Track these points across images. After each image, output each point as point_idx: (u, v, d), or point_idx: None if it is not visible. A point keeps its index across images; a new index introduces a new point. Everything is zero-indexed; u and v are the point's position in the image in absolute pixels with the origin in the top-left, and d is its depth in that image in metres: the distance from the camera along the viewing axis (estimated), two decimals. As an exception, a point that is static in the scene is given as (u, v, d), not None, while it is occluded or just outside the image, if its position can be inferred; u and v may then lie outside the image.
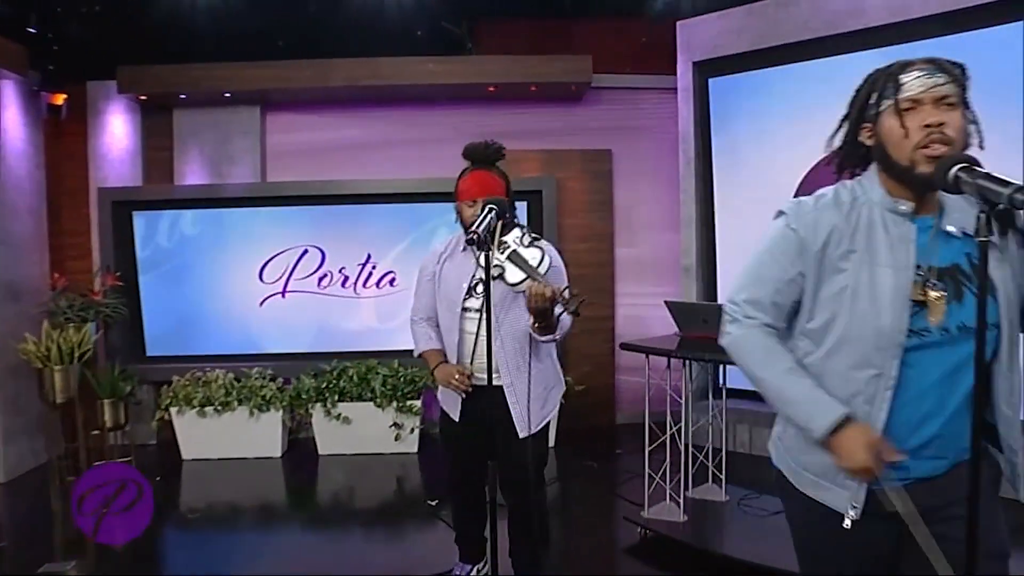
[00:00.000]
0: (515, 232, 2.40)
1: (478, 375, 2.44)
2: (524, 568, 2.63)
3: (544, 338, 2.30)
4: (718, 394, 3.82)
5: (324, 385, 4.69)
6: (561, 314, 2.22)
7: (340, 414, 4.67)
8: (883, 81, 1.36)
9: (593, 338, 5.27)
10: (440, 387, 2.59)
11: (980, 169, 1.20)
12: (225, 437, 4.66)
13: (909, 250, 1.34)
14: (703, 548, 3.14)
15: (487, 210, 2.11)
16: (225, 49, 4.81)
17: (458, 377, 2.40)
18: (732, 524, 3.37)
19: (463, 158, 2.51)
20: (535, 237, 2.41)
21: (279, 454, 4.75)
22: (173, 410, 4.65)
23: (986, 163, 1.24)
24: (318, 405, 4.68)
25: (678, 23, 4.81)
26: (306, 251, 5.04)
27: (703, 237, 4.89)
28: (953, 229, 1.36)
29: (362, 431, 4.70)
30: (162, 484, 4.29)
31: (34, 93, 4.70)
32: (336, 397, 4.66)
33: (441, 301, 2.53)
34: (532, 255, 2.32)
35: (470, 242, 2.03)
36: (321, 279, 5.06)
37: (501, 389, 2.42)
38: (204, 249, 5.02)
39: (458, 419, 2.53)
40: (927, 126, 1.29)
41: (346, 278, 5.07)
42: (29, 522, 3.86)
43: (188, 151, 5.09)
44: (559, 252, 2.51)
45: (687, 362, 3.43)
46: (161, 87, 4.81)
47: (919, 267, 1.33)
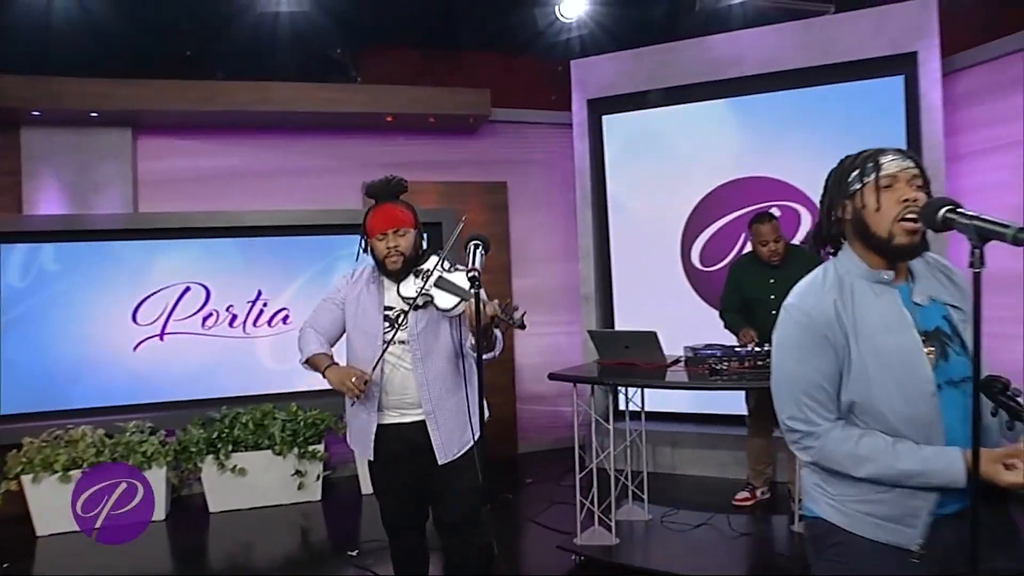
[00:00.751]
0: (432, 259, 2.39)
1: (396, 414, 2.37)
2: None
3: (486, 356, 2.24)
4: (635, 416, 3.96)
5: (215, 435, 4.27)
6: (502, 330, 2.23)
7: (235, 465, 4.26)
8: (862, 162, 1.49)
9: (492, 368, 5.19)
10: (349, 431, 2.49)
11: (969, 211, 1.36)
12: (94, 502, 4.09)
13: (903, 313, 1.46)
14: (638, 567, 3.22)
15: (474, 246, 2.08)
16: (88, 63, 4.33)
17: (353, 380, 2.27)
18: (659, 541, 3.50)
19: (366, 196, 2.47)
20: (452, 262, 2.39)
21: (163, 517, 4.23)
22: (26, 478, 3.99)
23: None
24: (209, 457, 4.25)
25: (572, 62, 5.04)
26: (188, 288, 4.60)
27: (600, 267, 5.10)
28: (921, 300, 1.49)
29: (260, 482, 4.32)
30: (11, 570, 3.65)
31: None
32: (230, 447, 4.25)
33: (360, 333, 2.42)
34: (458, 279, 2.28)
35: (472, 280, 1.99)
36: (206, 318, 4.63)
37: (422, 424, 2.35)
38: (64, 288, 4.41)
39: (373, 458, 2.42)
40: (904, 200, 1.44)
41: (234, 317, 4.68)
42: None
43: (40, 176, 4.47)
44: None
45: (614, 389, 3.54)
46: (7, 100, 4.19)
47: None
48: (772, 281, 3.62)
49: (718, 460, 4.66)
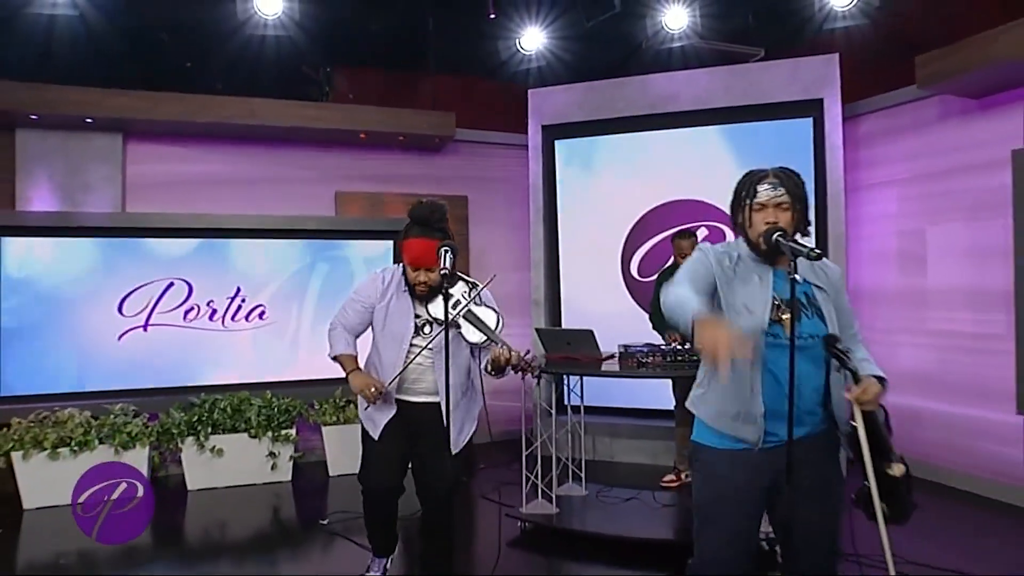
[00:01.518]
0: (460, 286, 2.79)
1: (419, 397, 2.82)
2: (437, 568, 2.96)
3: (493, 375, 2.72)
4: (576, 410, 4.51)
5: (195, 418, 4.65)
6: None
7: (214, 446, 4.65)
8: (747, 186, 2.09)
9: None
10: (362, 409, 2.91)
11: (790, 238, 1.96)
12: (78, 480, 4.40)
13: (767, 286, 2.05)
14: (572, 529, 3.76)
15: (444, 251, 2.55)
16: (84, 73, 4.69)
17: (372, 389, 2.71)
18: (594, 511, 4.04)
19: (409, 216, 2.76)
20: (479, 293, 2.78)
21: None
22: (16, 455, 4.30)
23: None
24: (189, 439, 4.62)
25: (530, 91, 5.61)
26: (172, 284, 4.98)
27: (550, 276, 5.66)
28: (798, 277, 2.00)
29: (235, 463, 4.71)
30: (5, 535, 3.95)
31: None
32: (209, 430, 4.64)
33: (385, 336, 2.83)
34: (487, 316, 2.73)
35: (470, 318, 2.59)
36: (188, 312, 5.01)
37: (439, 407, 2.75)
38: (52, 281, 4.74)
39: (378, 436, 2.85)
40: (767, 223, 2.03)
41: (214, 311, 5.07)
42: None
43: (33, 175, 4.80)
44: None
45: (559, 381, 4.07)
46: (6, 104, 4.52)
47: (774, 298, 2.05)
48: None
49: (651, 449, 5.25)
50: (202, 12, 4.71)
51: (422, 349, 2.75)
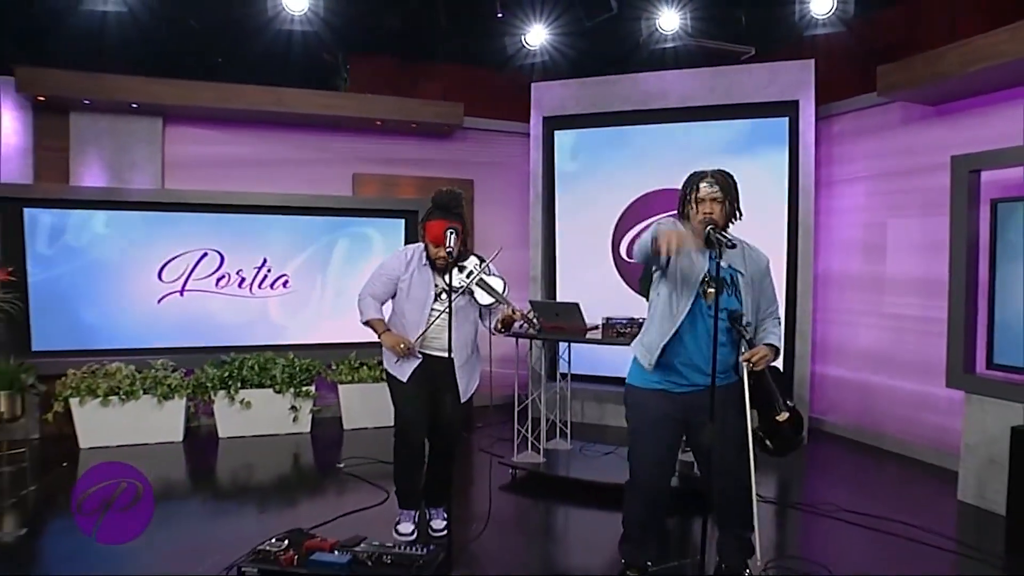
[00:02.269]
0: (473, 259, 3.36)
1: (435, 351, 3.35)
2: (437, 495, 3.58)
3: (498, 333, 3.32)
4: (564, 376, 5.07)
5: (226, 374, 5.25)
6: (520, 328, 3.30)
7: (243, 399, 5.25)
8: (691, 184, 2.62)
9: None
10: (392, 363, 3.43)
11: (721, 232, 2.49)
12: (126, 425, 5.01)
13: (703, 266, 2.59)
14: (556, 476, 4.35)
15: (450, 232, 3.10)
16: (127, 59, 5.19)
17: (402, 346, 3.29)
18: (576, 462, 4.63)
19: (432, 201, 3.31)
20: (488, 264, 3.35)
21: (180, 439, 5.19)
22: (73, 401, 4.91)
23: (764, 216, 2.52)
24: (221, 392, 5.23)
25: (532, 84, 6.09)
26: (205, 254, 5.54)
27: (547, 254, 6.19)
28: (724, 264, 2.60)
29: (261, 414, 5.32)
30: (66, 471, 4.57)
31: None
32: (239, 384, 5.24)
33: (409, 302, 3.36)
34: (495, 283, 3.30)
35: (482, 285, 3.16)
36: (219, 280, 5.58)
37: (451, 362, 3.26)
38: (101, 248, 5.31)
39: (406, 380, 3.37)
40: (704, 213, 2.57)
41: (243, 279, 5.64)
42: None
43: (85, 154, 5.35)
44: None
45: (544, 345, 4.62)
46: (64, 91, 5.05)
47: (705, 277, 2.59)
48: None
49: (632, 414, 5.82)
50: (235, 9, 5.19)
51: (441, 312, 3.27)
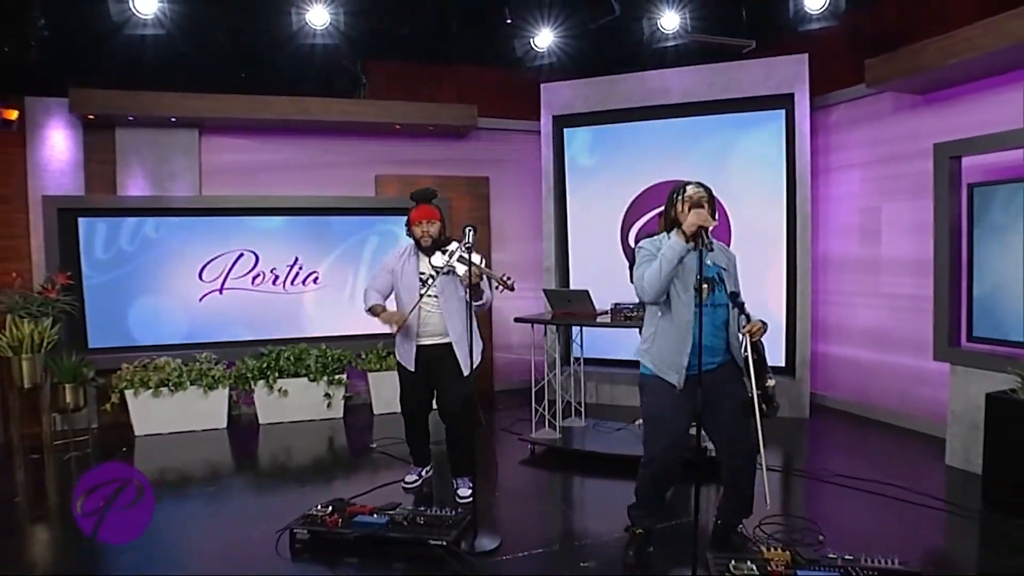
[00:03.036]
0: (453, 243, 3.78)
1: (429, 339, 3.80)
2: (461, 466, 3.98)
3: (476, 303, 3.65)
4: (578, 360, 5.43)
5: (265, 365, 5.68)
6: (493, 289, 3.68)
7: (280, 388, 5.68)
8: (679, 189, 2.96)
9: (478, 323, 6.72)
10: (398, 348, 3.92)
11: (705, 233, 2.82)
12: (175, 414, 5.47)
13: (693, 267, 2.93)
14: (571, 450, 4.72)
15: (469, 230, 3.46)
16: (165, 77, 5.61)
17: (397, 317, 3.76)
18: (589, 437, 4.99)
19: (411, 198, 3.91)
20: (468, 247, 3.69)
21: (224, 426, 5.64)
22: (128, 392, 5.37)
23: (764, 204, 2.98)
24: (260, 382, 5.66)
25: (542, 85, 6.42)
26: (242, 254, 5.97)
27: (559, 246, 6.54)
28: (708, 261, 2.94)
29: (297, 402, 5.75)
30: (127, 454, 5.04)
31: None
32: (276, 374, 5.67)
33: (403, 289, 3.86)
34: (473, 257, 3.64)
35: (463, 260, 3.43)
36: (255, 278, 6.01)
37: (449, 345, 3.79)
38: (147, 252, 5.76)
39: (413, 368, 3.86)
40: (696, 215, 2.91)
41: (277, 277, 6.07)
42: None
43: (130, 166, 5.79)
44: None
45: (558, 331, 4.98)
46: (111, 109, 5.49)
47: (699, 276, 2.93)
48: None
49: (644, 394, 6.16)
50: (264, 26, 5.58)
51: (429, 287, 3.76)
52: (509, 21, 6.06)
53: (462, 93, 6.70)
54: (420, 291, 3.78)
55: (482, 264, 3.65)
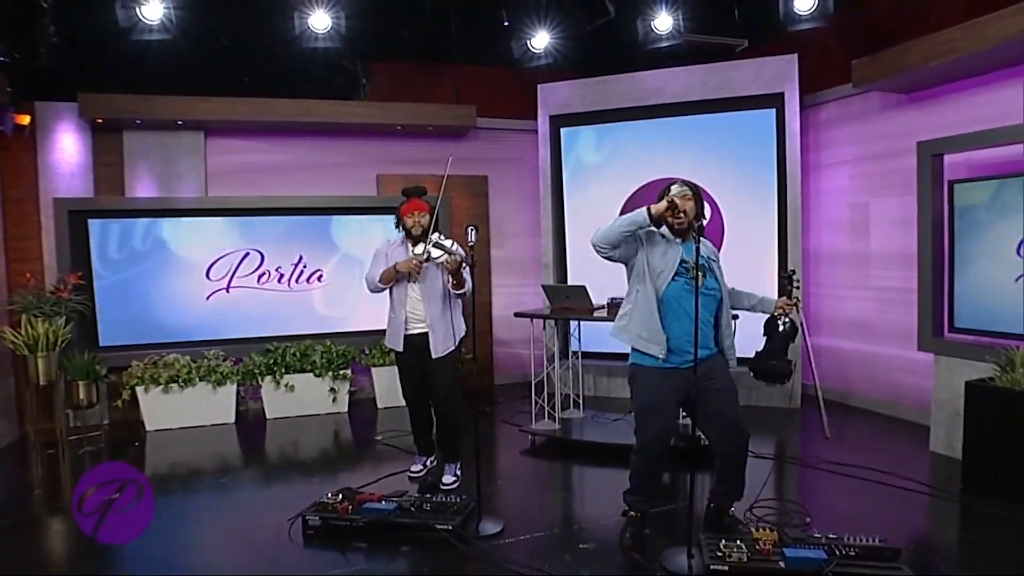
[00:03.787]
0: (435, 235, 3.99)
1: (414, 328, 4.00)
2: (448, 449, 4.19)
3: (457, 292, 3.90)
4: (576, 354, 5.59)
5: (272, 361, 5.84)
6: (466, 271, 3.87)
7: (287, 383, 5.84)
8: (665, 189, 3.12)
9: (476, 317, 6.85)
10: (387, 337, 4.10)
11: (700, 228, 2.98)
12: (185, 409, 5.63)
13: (677, 253, 3.10)
14: (570, 440, 4.89)
15: (472, 229, 3.62)
16: (171, 80, 5.75)
17: (414, 263, 3.91)
18: (588, 427, 5.16)
19: (403, 194, 4.10)
20: (444, 237, 4.01)
21: (232, 420, 5.80)
22: (139, 389, 5.52)
23: (756, 200, 3.17)
24: (267, 377, 5.82)
25: (539, 85, 6.56)
26: (247, 253, 6.12)
27: (557, 243, 6.70)
28: (702, 252, 3.10)
29: (304, 397, 5.91)
30: (139, 448, 5.20)
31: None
32: (283, 370, 5.83)
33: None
34: (446, 244, 3.90)
35: (436, 244, 3.66)
36: (261, 276, 6.16)
37: (426, 335, 3.96)
38: (155, 252, 5.91)
39: (401, 349, 4.04)
40: (679, 211, 3.06)
41: (282, 275, 6.22)
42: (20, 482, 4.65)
43: (137, 168, 5.93)
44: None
45: (556, 325, 5.14)
46: (118, 113, 5.63)
47: (684, 262, 3.09)
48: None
49: (640, 386, 6.33)
50: (266, 30, 5.71)
51: (423, 254, 3.94)
52: (507, 23, 6.20)
53: (461, 94, 6.84)
54: (414, 255, 3.98)
55: (454, 248, 3.86)
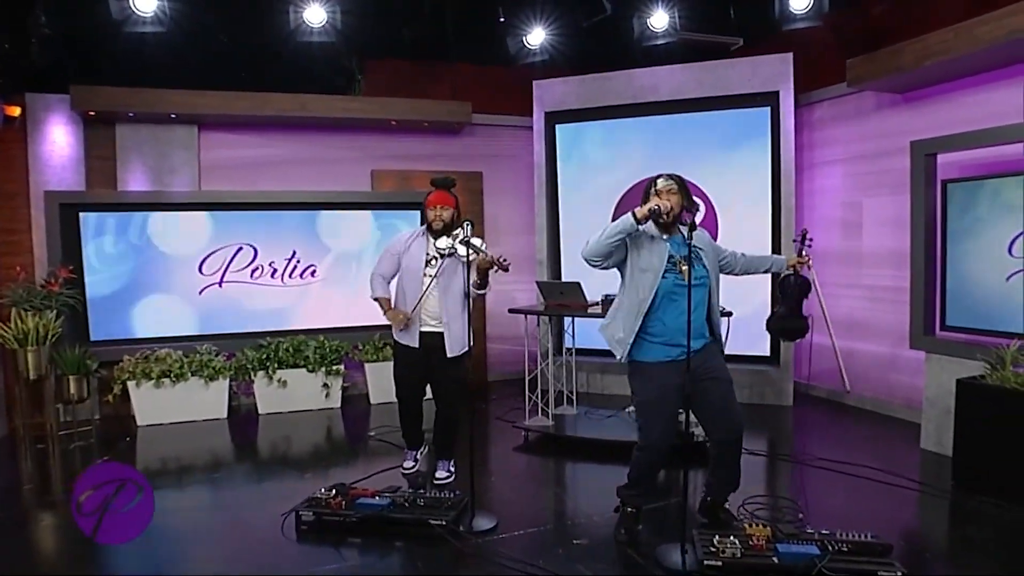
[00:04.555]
0: (459, 230, 3.87)
1: (428, 326, 3.92)
2: (444, 450, 4.16)
3: (478, 292, 3.82)
4: (570, 350, 5.60)
5: (264, 356, 5.82)
6: (494, 272, 3.80)
7: (280, 379, 5.82)
8: (652, 182, 3.14)
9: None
10: (398, 330, 4.00)
11: (689, 221, 2.99)
12: (176, 404, 5.60)
13: (664, 250, 3.10)
14: (563, 436, 4.90)
15: (467, 223, 3.61)
16: (164, 73, 5.71)
17: (401, 317, 3.88)
18: (580, 424, 5.17)
19: (431, 184, 4.00)
20: (471, 234, 3.85)
21: (225, 416, 5.77)
22: (131, 384, 5.49)
23: (750, 198, 3.17)
24: (260, 372, 5.80)
25: (534, 82, 6.56)
26: (240, 248, 6.09)
27: (551, 239, 6.70)
28: (695, 243, 3.10)
29: (296, 392, 5.89)
30: (131, 443, 5.17)
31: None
32: (276, 365, 5.81)
33: (406, 271, 3.97)
34: (477, 242, 3.79)
35: (464, 242, 3.53)
36: (254, 271, 6.13)
37: (442, 334, 3.90)
38: (148, 246, 5.87)
39: (417, 345, 3.95)
40: (663, 213, 3.06)
41: (275, 270, 6.19)
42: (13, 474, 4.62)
43: (130, 161, 5.90)
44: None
45: (550, 321, 5.14)
46: (111, 106, 5.59)
47: (671, 257, 3.09)
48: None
49: (633, 383, 6.35)
50: (261, 24, 5.68)
51: (436, 275, 3.87)
52: (503, 20, 6.19)
53: (456, 90, 6.83)
54: (425, 270, 3.89)
55: (482, 247, 3.76)
